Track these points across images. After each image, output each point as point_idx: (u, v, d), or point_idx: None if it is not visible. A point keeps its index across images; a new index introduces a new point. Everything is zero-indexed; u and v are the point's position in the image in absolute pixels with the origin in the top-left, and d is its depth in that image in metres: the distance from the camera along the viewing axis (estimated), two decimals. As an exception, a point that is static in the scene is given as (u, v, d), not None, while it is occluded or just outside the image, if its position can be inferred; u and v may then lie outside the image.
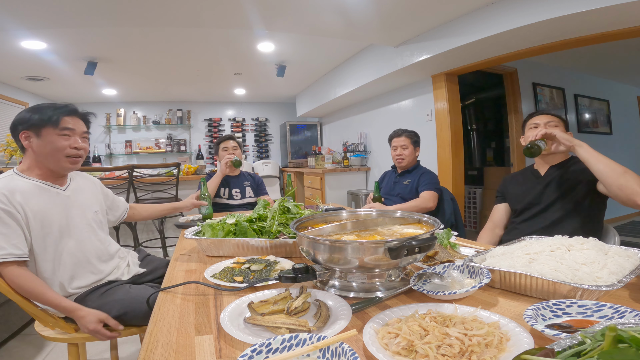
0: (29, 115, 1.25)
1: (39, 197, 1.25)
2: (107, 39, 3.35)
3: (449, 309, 0.74)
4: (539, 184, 1.61)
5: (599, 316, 0.70)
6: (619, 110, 5.56)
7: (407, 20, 2.86)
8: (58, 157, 1.26)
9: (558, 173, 1.57)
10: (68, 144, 1.27)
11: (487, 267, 0.88)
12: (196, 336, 0.73)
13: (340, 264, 0.84)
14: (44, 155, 1.26)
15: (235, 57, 4.13)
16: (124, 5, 2.43)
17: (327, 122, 6.63)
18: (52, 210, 1.26)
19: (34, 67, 4.01)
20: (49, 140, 1.24)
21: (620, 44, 3.35)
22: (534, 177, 1.66)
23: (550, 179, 1.58)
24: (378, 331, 0.67)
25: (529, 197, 1.63)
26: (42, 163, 1.28)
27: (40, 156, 1.26)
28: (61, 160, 1.27)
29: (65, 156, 1.27)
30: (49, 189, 1.30)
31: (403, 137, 2.46)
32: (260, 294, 0.88)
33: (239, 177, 2.77)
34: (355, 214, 1.17)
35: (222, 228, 1.31)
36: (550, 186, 1.57)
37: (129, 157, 6.36)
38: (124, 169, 3.33)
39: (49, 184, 1.31)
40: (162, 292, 0.98)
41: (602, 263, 0.81)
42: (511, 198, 1.74)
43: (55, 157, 1.26)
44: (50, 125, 1.24)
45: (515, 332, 0.64)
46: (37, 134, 1.24)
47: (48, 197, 1.28)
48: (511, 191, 1.75)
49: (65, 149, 1.27)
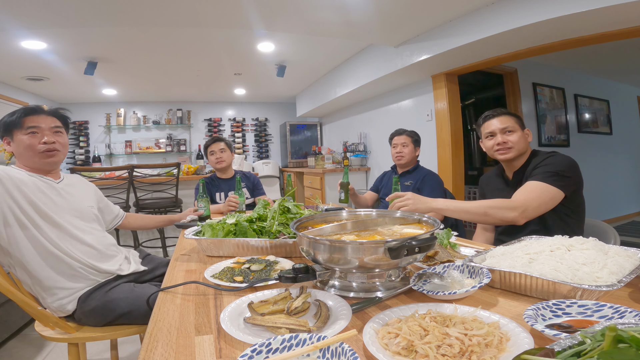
0: (3, 121, 1.33)
1: (33, 186, 1.29)
2: (107, 39, 3.35)
3: (449, 309, 0.74)
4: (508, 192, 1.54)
5: (599, 316, 0.70)
6: (619, 110, 5.56)
7: (407, 20, 2.86)
8: (31, 154, 1.33)
9: (522, 180, 1.52)
10: (37, 141, 1.33)
11: (487, 267, 0.88)
12: (196, 336, 0.73)
13: (340, 264, 0.84)
14: (22, 155, 1.34)
15: (235, 57, 4.14)
16: (124, 5, 2.43)
17: (327, 122, 6.63)
18: (45, 198, 1.30)
19: (34, 67, 4.01)
20: (19, 141, 1.32)
21: (620, 44, 3.35)
22: (504, 183, 1.63)
23: (516, 186, 1.52)
24: (378, 331, 0.66)
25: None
26: (26, 163, 1.36)
27: (21, 157, 1.35)
28: (36, 157, 1.33)
29: (38, 152, 1.33)
30: (43, 179, 1.36)
31: (404, 135, 2.45)
32: (260, 294, 0.87)
33: (233, 178, 2.69)
34: (355, 214, 1.17)
35: (222, 228, 1.31)
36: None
37: (129, 157, 6.36)
38: (124, 169, 3.33)
39: (42, 176, 1.37)
40: (162, 292, 0.98)
41: (602, 263, 0.80)
42: None
43: (29, 155, 1.33)
44: (15, 128, 1.32)
45: (515, 332, 0.63)
46: (11, 137, 1.34)
47: (42, 186, 1.33)
48: (488, 195, 1.71)
49: (35, 146, 1.32)
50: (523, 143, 1.56)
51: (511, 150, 1.56)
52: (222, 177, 2.69)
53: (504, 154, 1.57)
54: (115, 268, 1.41)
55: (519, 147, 1.55)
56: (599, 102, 5.29)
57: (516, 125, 1.56)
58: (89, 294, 1.31)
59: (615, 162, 5.37)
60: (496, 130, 1.58)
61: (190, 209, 1.97)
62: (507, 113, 1.60)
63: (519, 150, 1.56)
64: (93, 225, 1.46)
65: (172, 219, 1.93)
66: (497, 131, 1.58)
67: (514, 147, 1.55)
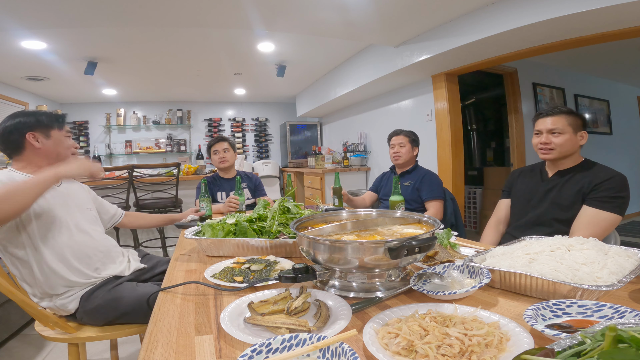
0: (30, 119, 1.34)
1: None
2: (107, 39, 3.35)
3: (449, 309, 0.74)
4: (542, 187, 1.59)
5: (599, 316, 0.70)
6: (619, 110, 5.56)
7: (407, 20, 2.86)
8: (68, 153, 1.44)
9: (561, 181, 1.54)
10: (72, 144, 1.48)
11: (487, 267, 0.88)
12: (196, 336, 0.73)
13: (340, 264, 0.84)
14: (55, 152, 1.39)
15: (235, 57, 4.13)
16: (124, 5, 2.43)
17: (327, 122, 6.63)
18: (52, 204, 1.31)
19: (34, 67, 4.01)
20: (60, 139, 1.41)
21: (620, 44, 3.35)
22: (539, 178, 1.64)
23: (553, 184, 1.56)
24: (378, 331, 0.66)
25: (528, 197, 1.62)
26: (47, 160, 1.37)
27: (49, 153, 1.37)
28: (69, 157, 1.44)
29: (72, 154, 1.47)
30: None
31: (401, 135, 2.46)
32: (260, 294, 0.87)
33: (235, 179, 2.65)
34: (355, 214, 1.17)
35: (222, 228, 1.31)
36: (551, 193, 1.55)
37: (129, 157, 6.36)
38: (124, 169, 3.33)
39: None
40: (162, 292, 0.98)
41: (602, 263, 0.81)
42: (514, 194, 1.72)
43: (65, 154, 1.43)
44: (57, 127, 1.41)
45: (515, 332, 0.64)
46: (45, 134, 1.36)
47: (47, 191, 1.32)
48: (517, 186, 1.72)
49: (71, 148, 1.47)
50: (569, 146, 1.53)
51: (552, 152, 1.55)
52: (224, 176, 2.69)
53: (545, 154, 1.58)
54: (119, 270, 1.43)
55: (561, 149, 1.54)
56: (599, 102, 5.29)
57: (567, 127, 1.53)
58: (92, 292, 1.32)
59: (615, 162, 5.32)
60: (543, 130, 1.57)
61: (192, 208, 1.98)
62: (563, 112, 1.55)
63: (561, 152, 1.54)
64: (95, 227, 1.48)
65: (172, 218, 1.93)
66: (544, 130, 1.56)
67: (555, 149, 1.54)
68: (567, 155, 1.55)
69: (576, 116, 1.54)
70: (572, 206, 1.48)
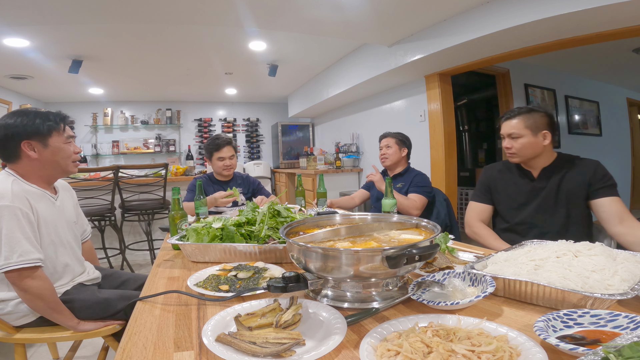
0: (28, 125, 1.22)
1: (43, 204, 1.28)
2: (92, 36, 3.25)
3: (452, 321, 0.68)
4: (533, 188, 1.55)
5: (613, 326, 0.65)
6: (609, 112, 5.60)
7: (402, 19, 2.82)
8: (67, 162, 1.33)
9: (552, 179, 1.52)
10: (73, 150, 1.34)
11: (491, 275, 0.83)
12: (175, 352, 0.66)
13: (333, 273, 0.78)
14: (53, 162, 1.29)
15: (226, 56, 4.05)
16: (110, 1, 2.34)
17: (319, 123, 6.57)
18: (50, 218, 1.29)
19: (17, 65, 3.88)
20: (58, 148, 1.29)
21: (610, 46, 3.35)
22: (527, 179, 1.59)
23: (544, 184, 1.52)
24: (376, 347, 0.60)
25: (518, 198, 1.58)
26: (45, 170, 1.30)
27: (46, 163, 1.28)
28: (69, 165, 1.34)
29: (72, 161, 1.35)
30: (49, 198, 1.33)
31: (387, 137, 2.42)
32: (247, 304, 0.81)
33: (231, 182, 2.55)
34: (350, 218, 1.10)
35: (207, 233, 1.23)
36: (545, 191, 1.52)
37: (116, 157, 6.22)
38: (109, 169, 3.22)
39: (47, 192, 1.33)
40: (140, 301, 0.91)
41: (612, 270, 0.76)
42: (502, 198, 1.65)
43: (64, 163, 1.32)
44: (56, 134, 1.28)
45: (526, 346, 0.58)
46: (43, 143, 1.26)
47: (47, 205, 1.30)
48: (500, 186, 1.65)
49: (71, 155, 1.34)
50: (529, 149, 1.50)
51: (515, 155, 1.55)
52: (221, 179, 2.57)
53: (510, 157, 1.58)
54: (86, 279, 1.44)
55: (522, 153, 1.52)
56: (589, 103, 5.32)
57: (525, 130, 1.50)
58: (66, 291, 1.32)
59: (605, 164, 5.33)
60: (504, 134, 1.57)
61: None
62: (522, 113, 1.52)
63: (524, 155, 1.53)
64: (77, 241, 1.47)
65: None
66: (505, 135, 1.57)
67: (517, 154, 1.54)
68: (531, 157, 1.53)
69: (538, 114, 1.51)
70: (569, 204, 1.49)
